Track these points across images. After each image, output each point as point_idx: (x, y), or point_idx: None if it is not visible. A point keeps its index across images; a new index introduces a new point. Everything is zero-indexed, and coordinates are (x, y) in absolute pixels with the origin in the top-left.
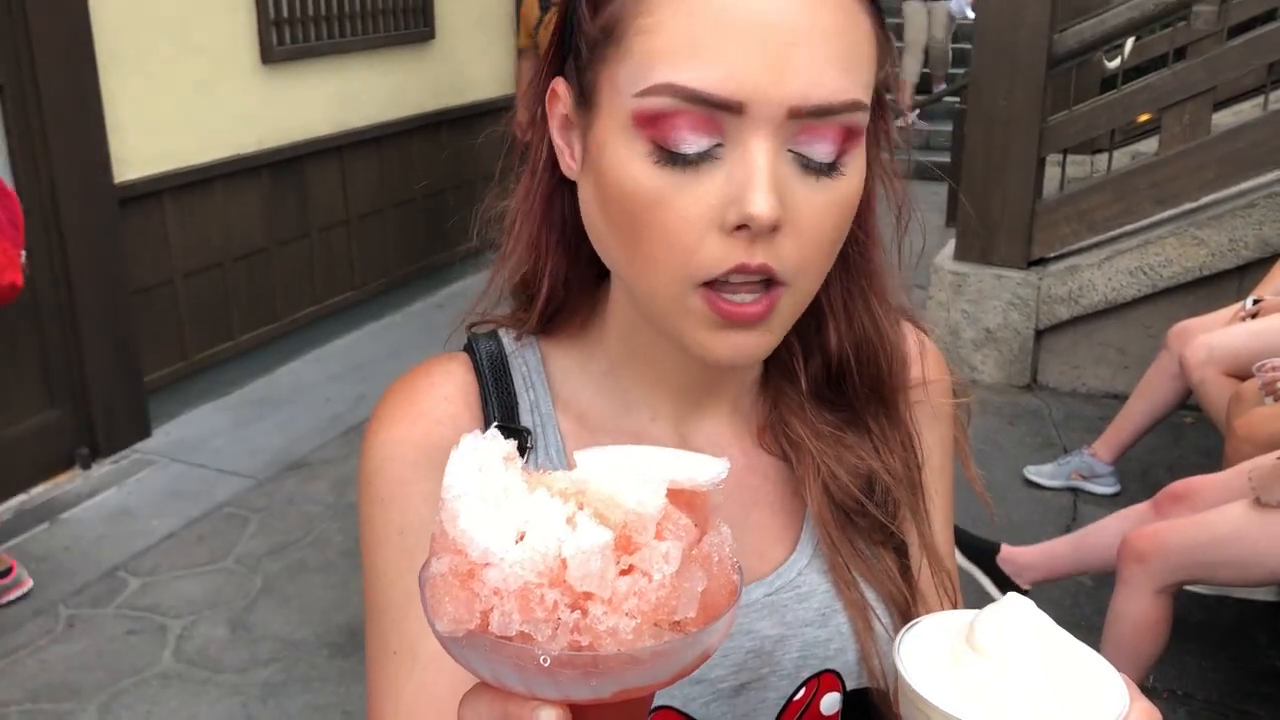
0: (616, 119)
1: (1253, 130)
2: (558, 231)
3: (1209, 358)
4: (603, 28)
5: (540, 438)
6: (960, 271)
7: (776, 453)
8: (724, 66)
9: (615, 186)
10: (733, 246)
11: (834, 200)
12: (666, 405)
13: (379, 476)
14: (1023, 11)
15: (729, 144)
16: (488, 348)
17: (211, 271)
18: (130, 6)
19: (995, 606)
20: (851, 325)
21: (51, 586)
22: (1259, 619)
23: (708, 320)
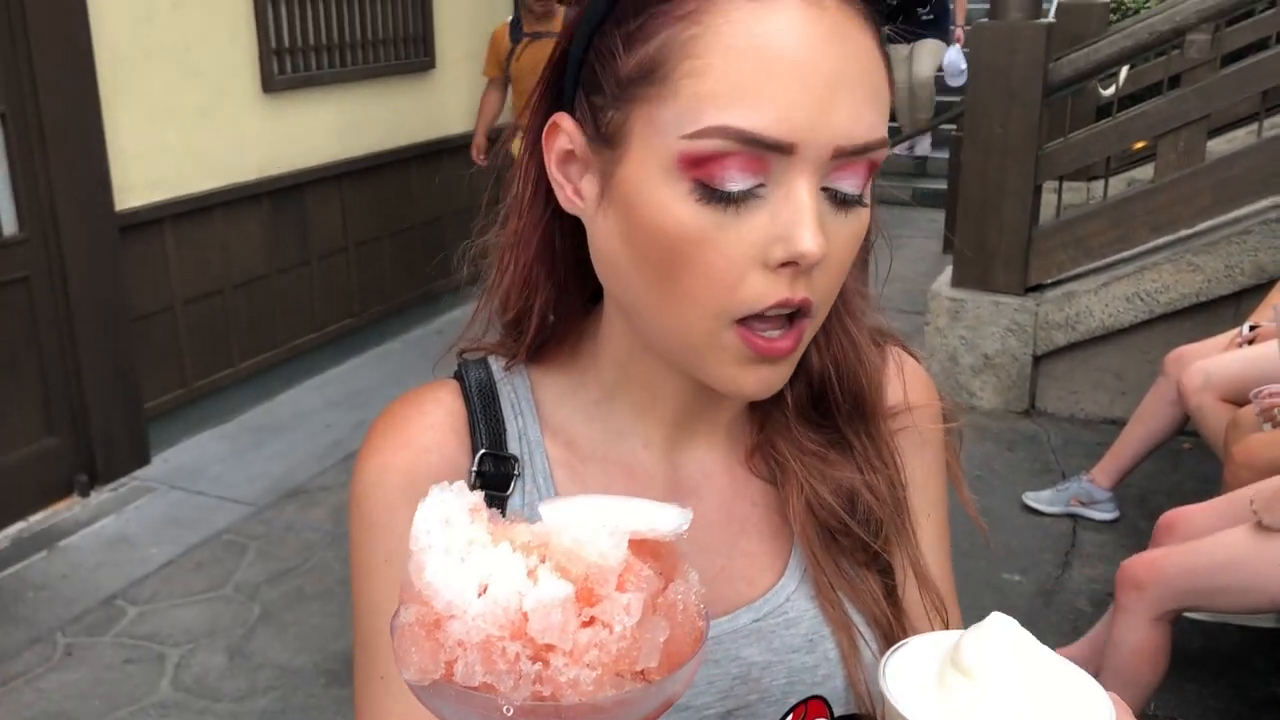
0: (656, 159)
1: (1247, 157)
2: (548, 265)
3: (1206, 384)
4: (640, 67)
5: (528, 465)
6: (958, 298)
7: (764, 475)
8: (775, 109)
9: (650, 225)
10: (775, 282)
11: (856, 232)
12: (658, 433)
13: (366, 504)
14: (1018, 40)
15: (771, 184)
16: (477, 375)
17: (212, 298)
18: (132, 34)
19: (979, 627)
20: (830, 344)
21: (49, 615)
22: (1259, 646)
23: (740, 356)
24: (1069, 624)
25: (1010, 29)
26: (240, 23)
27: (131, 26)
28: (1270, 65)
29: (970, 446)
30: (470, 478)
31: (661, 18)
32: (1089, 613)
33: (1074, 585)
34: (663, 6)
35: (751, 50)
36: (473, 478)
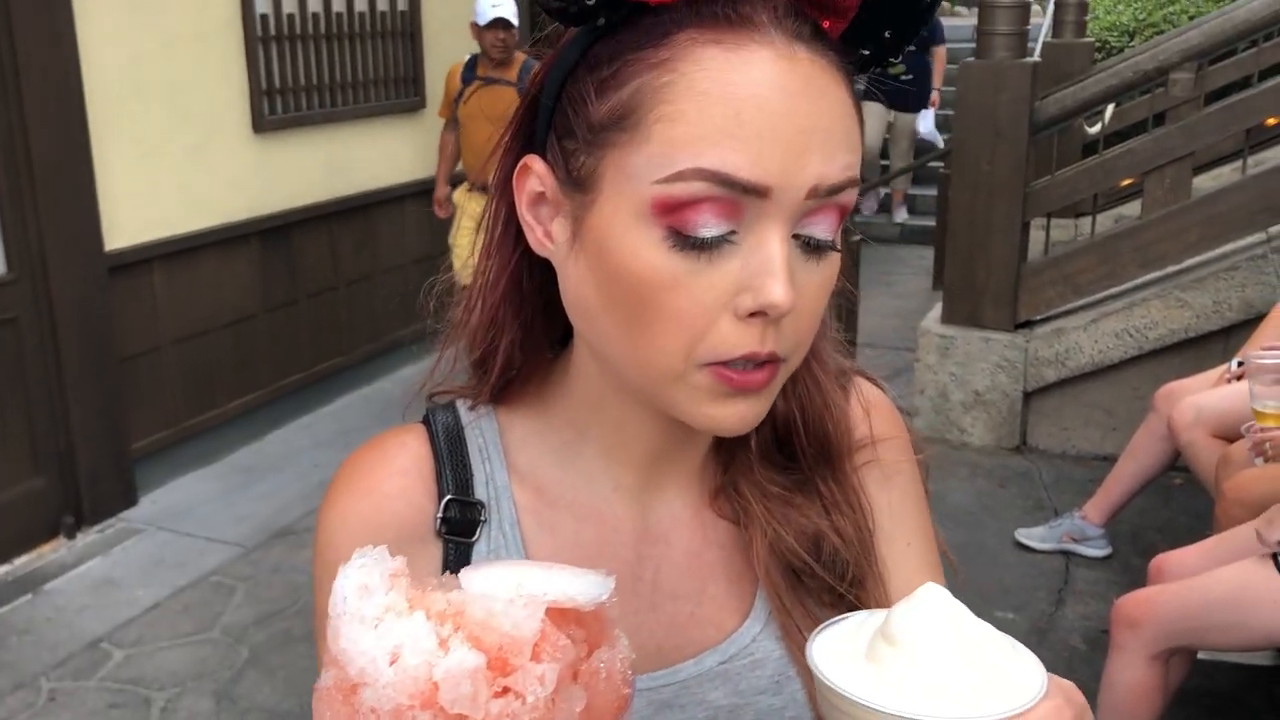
0: (628, 204)
1: (1233, 194)
2: (515, 305)
3: (1197, 419)
4: (613, 113)
5: (494, 511)
6: (947, 334)
7: (730, 516)
8: (749, 152)
9: (623, 270)
10: (745, 332)
11: (827, 278)
12: (629, 477)
13: (329, 553)
14: (1004, 79)
15: (744, 231)
16: (444, 419)
17: (200, 338)
18: (123, 74)
19: (910, 598)
20: (796, 387)
21: (33, 659)
22: (1255, 683)
23: (716, 392)
24: (1063, 662)
25: (996, 68)
26: (231, 63)
27: (122, 66)
28: (1253, 103)
29: (962, 483)
30: (435, 524)
31: (635, 64)
32: (1083, 650)
33: (1068, 623)
34: (636, 54)
35: (725, 97)
36: (438, 524)
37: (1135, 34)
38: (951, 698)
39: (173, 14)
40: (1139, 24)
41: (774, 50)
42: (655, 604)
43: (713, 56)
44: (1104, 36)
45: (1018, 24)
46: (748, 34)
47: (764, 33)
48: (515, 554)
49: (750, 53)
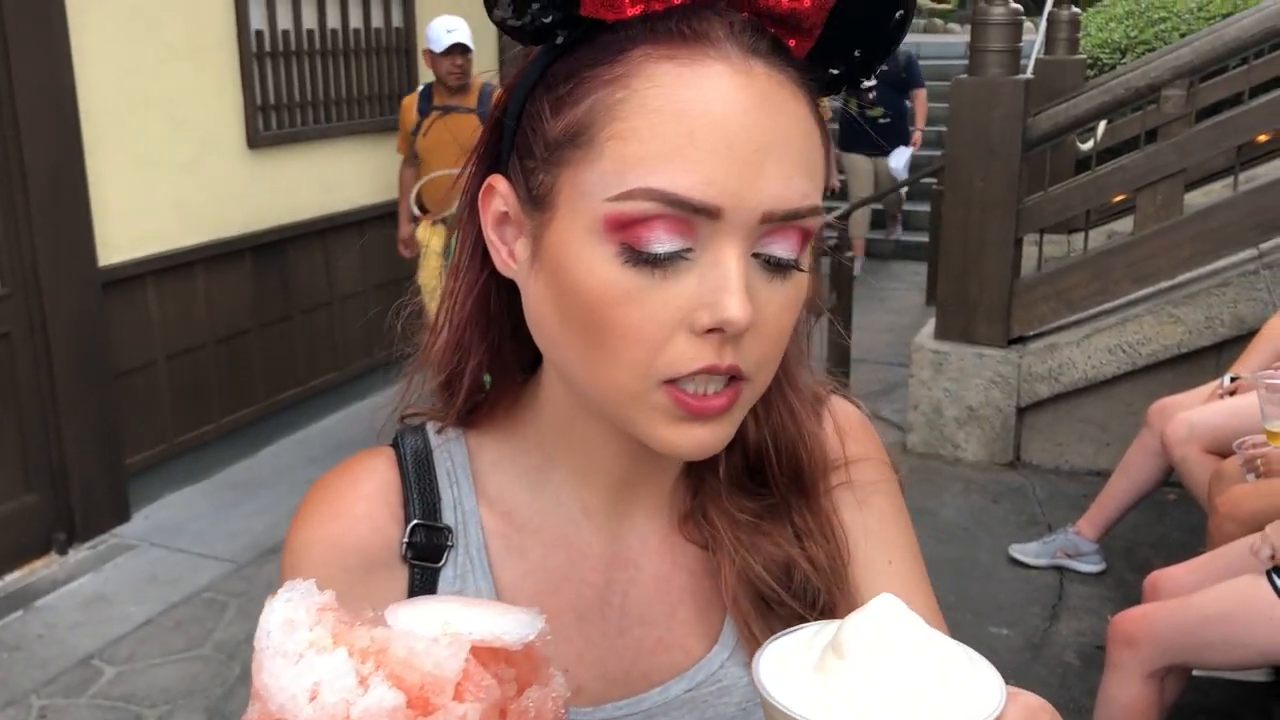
0: (582, 221)
1: (1224, 210)
2: (482, 327)
3: (1190, 435)
4: (567, 130)
5: (461, 536)
6: (941, 350)
7: (699, 541)
8: (701, 172)
9: (578, 287)
10: (702, 348)
11: (791, 298)
12: (598, 501)
13: (293, 576)
14: (997, 96)
15: (700, 248)
16: (413, 443)
17: (194, 354)
18: (118, 89)
19: (863, 609)
20: (769, 415)
21: (24, 676)
22: (1250, 700)
23: (672, 415)
24: (1057, 678)
25: (989, 85)
26: (226, 78)
27: (117, 81)
28: (1244, 120)
29: (955, 499)
30: (401, 549)
31: (590, 82)
32: (1077, 666)
33: (1062, 639)
34: (591, 71)
35: (678, 114)
36: (403, 549)
37: (1127, 51)
38: (902, 712)
39: (168, 30)
40: (1130, 41)
41: (729, 65)
42: (623, 629)
43: (666, 72)
44: (1096, 54)
45: (1010, 41)
46: (702, 49)
47: (719, 48)
48: (482, 579)
49: (704, 68)
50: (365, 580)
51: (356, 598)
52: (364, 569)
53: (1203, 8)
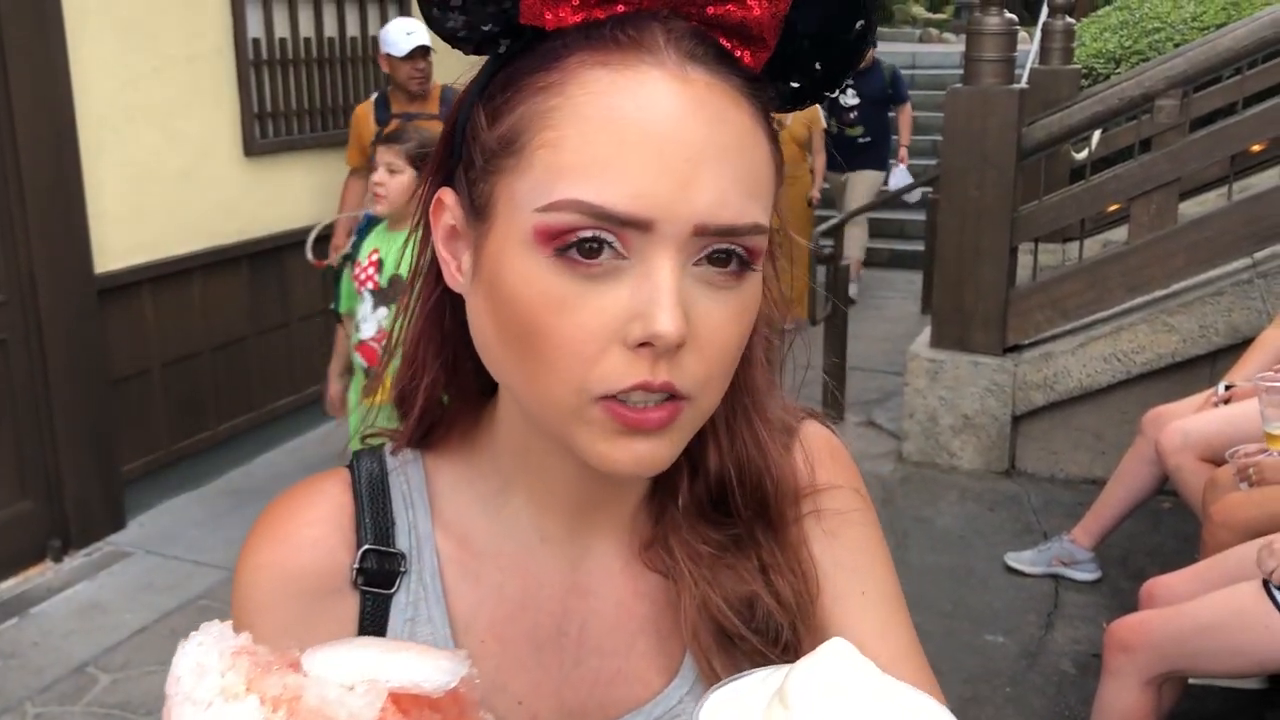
0: (515, 232)
1: (1218, 219)
2: (436, 345)
3: (1184, 444)
4: (501, 139)
5: (415, 561)
6: (937, 358)
7: (661, 570)
8: (630, 184)
9: (511, 297)
10: (635, 362)
11: (735, 314)
12: (557, 527)
13: (240, 604)
14: (992, 105)
15: (634, 258)
16: (368, 465)
17: (190, 361)
18: (115, 98)
19: (812, 654)
20: (734, 444)
21: (19, 684)
22: (1244, 708)
23: (609, 429)
24: (1053, 686)
25: (984, 95)
26: (222, 87)
27: (114, 90)
28: (1237, 130)
29: (951, 507)
30: (352, 575)
31: (524, 90)
32: (1073, 674)
33: (1057, 646)
34: (527, 79)
35: (608, 122)
36: (354, 574)
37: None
38: None
39: (165, 38)
40: (1125, 51)
41: (664, 71)
42: (580, 660)
43: (598, 78)
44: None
45: (1005, 51)
46: (638, 56)
47: (656, 55)
48: (436, 606)
49: (638, 74)
50: (315, 607)
51: (306, 625)
52: (313, 595)
53: (1197, 18)
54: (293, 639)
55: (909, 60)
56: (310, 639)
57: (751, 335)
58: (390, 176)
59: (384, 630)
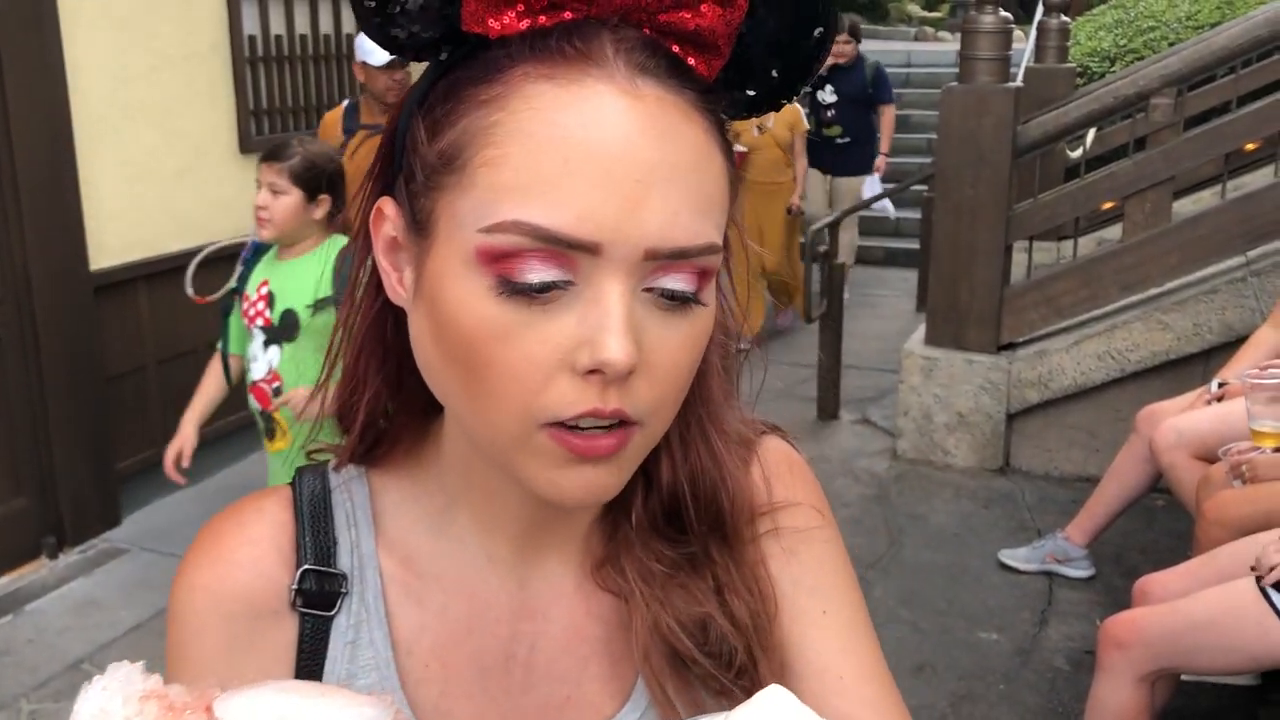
0: (457, 252)
1: (1213, 218)
2: (378, 359)
3: (1178, 441)
4: (442, 154)
5: (357, 582)
6: (931, 356)
7: (614, 590)
8: (576, 206)
9: (454, 321)
10: (585, 390)
11: (688, 338)
12: (504, 547)
13: (175, 625)
14: (987, 104)
15: (581, 282)
16: (310, 483)
17: (185, 358)
18: (111, 95)
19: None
20: (688, 458)
21: (14, 681)
22: (1236, 705)
23: (557, 457)
24: (1047, 683)
25: (979, 93)
26: (218, 85)
27: (110, 87)
28: (1232, 128)
29: (945, 504)
30: (290, 596)
31: (466, 103)
32: (1067, 671)
33: (1051, 643)
34: (470, 90)
35: (553, 140)
36: (293, 596)
37: (1116, 60)
38: None
39: (161, 36)
40: (1120, 50)
41: (613, 85)
42: (529, 686)
43: (543, 93)
44: (1085, 62)
45: (1000, 49)
46: (584, 68)
47: (604, 67)
48: (378, 628)
49: (585, 88)
50: (251, 629)
51: (244, 648)
52: (249, 617)
53: (1191, 17)
54: (230, 662)
55: (904, 59)
56: (247, 662)
57: (709, 343)
58: (274, 198)
59: (324, 654)
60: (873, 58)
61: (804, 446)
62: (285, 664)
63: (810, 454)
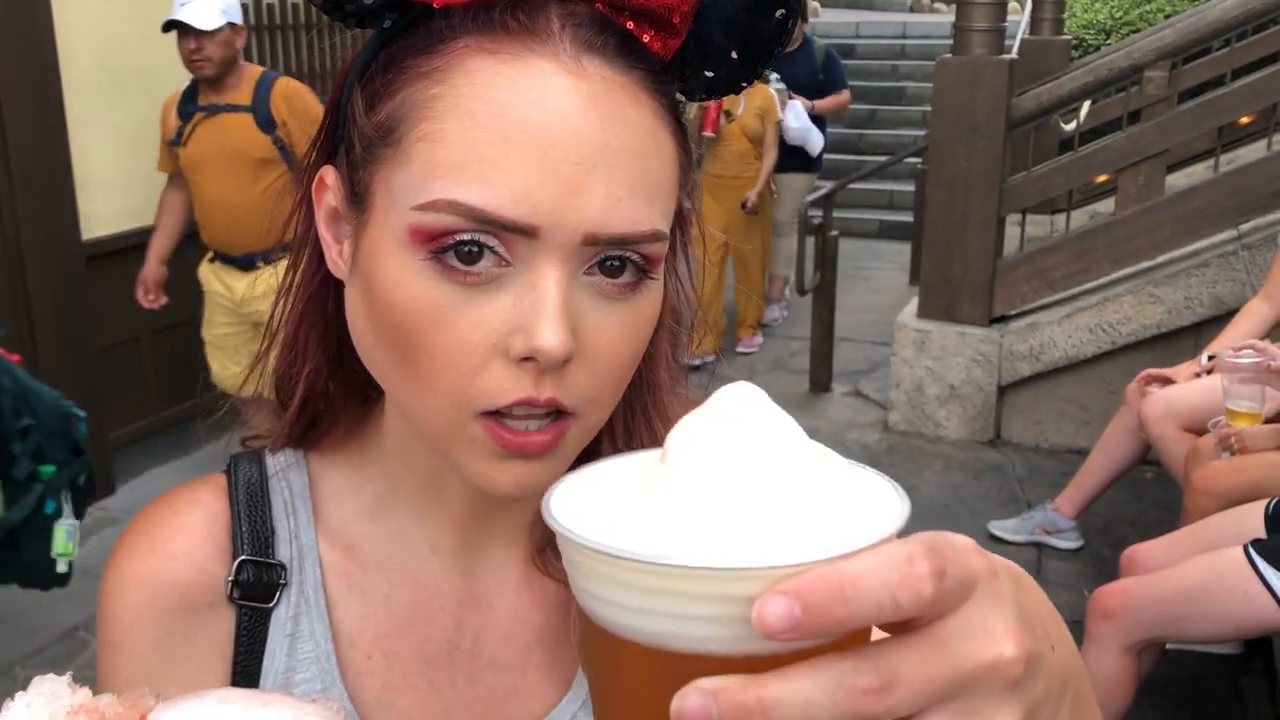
0: (391, 228)
1: (1205, 191)
2: (319, 331)
3: (1167, 413)
4: (379, 126)
5: (296, 573)
6: (924, 329)
7: (559, 576)
8: (512, 187)
9: (387, 298)
10: (519, 377)
11: (630, 323)
12: (447, 535)
13: (106, 619)
14: (981, 76)
15: (518, 265)
16: (246, 470)
17: (179, 329)
18: (101, 64)
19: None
20: (630, 443)
21: (9, 648)
22: (1220, 672)
23: (489, 450)
24: None
25: (973, 65)
26: None
27: (100, 58)
28: (1225, 101)
29: (936, 476)
30: (226, 587)
31: (407, 73)
32: None
33: None
34: (410, 61)
35: (491, 118)
36: (229, 588)
37: (1111, 32)
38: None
39: (150, 4)
40: (1115, 22)
41: (556, 63)
42: (474, 676)
43: (484, 68)
44: (1081, 34)
45: (995, 21)
46: (528, 44)
47: (548, 43)
48: (318, 620)
49: (527, 65)
50: (186, 623)
51: (178, 643)
52: (183, 610)
53: None
54: (165, 658)
55: (899, 30)
56: (183, 657)
57: (659, 333)
58: None
59: (262, 647)
60: (821, 41)
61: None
62: (222, 658)
63: (802, 426)
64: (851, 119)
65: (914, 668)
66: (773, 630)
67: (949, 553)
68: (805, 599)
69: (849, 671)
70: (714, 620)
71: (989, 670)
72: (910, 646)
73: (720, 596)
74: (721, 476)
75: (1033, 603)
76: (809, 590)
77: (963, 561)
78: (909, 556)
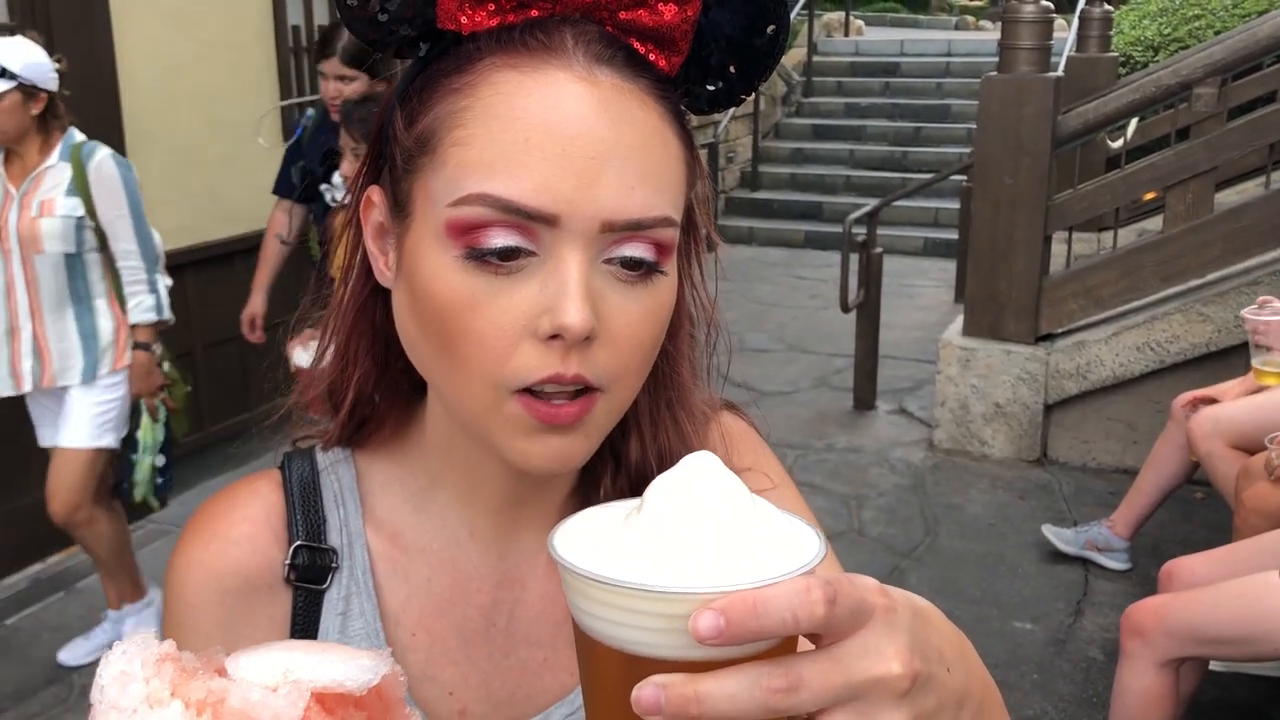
0: (430, 228)
1: (1255, 209)
2: (368, 339)
3: (1214, 430)
4: (417, 139)
5: (347, 557)
6: (969, 347)
7: None
8: (534, 179)
9: (427, 293)
10: (547, 355)
11: (648, 308)
12: (484, 521)
13: (172, 600)
14: (1027, 93)
15: (543, 253)
16: (299, 465)
17: (232, 343)
18: (159, 85)
19: (674, 468)
20: (656, 437)
21: (66, 655)
22: (1273, 696)
23: (525, 425)
24: (1081, 673)
25: (1019, 82)
26: (263, 73)
27: (158, 77)
28: (1276, 118)
29: (982, 495)
30: (284, 571)
31: (439, 91)
32: (1101, 661)
33: (1086, 634)
34: (442, 81)
35: (514, 120)
36: (286, 570)
37: (1160, 49)
38: (701, 560)
39: (208, 26)
40: (1164, 39)
41: (571, 73)
42: (508, 650)
43: (508, 80)
44: (1128, 51)
45: (1041, 39)
46: (545, 58)
47: (563, 57)
48: (367, 601)
49: (545, 75)
50: (246, 603)
51: (239, 621)
52: (244, 592)
53: (1237, 4)
54: (227, 636)
55: (944, 48)
56: (244, 635)
57: (679, 333)
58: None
59: (316, 625)
60: None
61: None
62: (280, 636)
63: (846, 444)
64: (896, 136)
65: (815, 675)
66: (703, 636)
67: (845, 587)
68: (728, 614)
69: (765, 675)
70: (664, 631)
71: (878, 683)
72: (814, 659)
73: (668, 613)
74: (681, 522)
75: (931, 633)
76: (731, 608)
77: (857, 595)
78: (808, 587)
